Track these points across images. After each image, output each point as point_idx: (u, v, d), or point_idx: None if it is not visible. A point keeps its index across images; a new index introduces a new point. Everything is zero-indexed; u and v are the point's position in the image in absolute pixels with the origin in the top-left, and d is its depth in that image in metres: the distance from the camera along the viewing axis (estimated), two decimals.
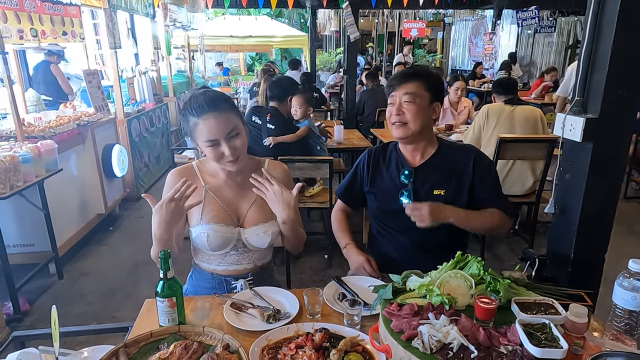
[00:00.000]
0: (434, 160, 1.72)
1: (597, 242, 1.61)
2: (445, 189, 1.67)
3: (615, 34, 1.41)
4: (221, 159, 1.45)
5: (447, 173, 1.69)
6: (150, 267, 3.44)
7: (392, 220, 1.76)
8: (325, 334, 1.17)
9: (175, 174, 1.55)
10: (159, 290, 1.22)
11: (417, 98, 1.64)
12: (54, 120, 3.65)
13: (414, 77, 1.67)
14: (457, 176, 1.68)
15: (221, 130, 1.40)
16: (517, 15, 9.75)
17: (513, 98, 3.65)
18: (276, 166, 1.68)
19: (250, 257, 1.59)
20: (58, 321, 1.02)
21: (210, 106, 1.40)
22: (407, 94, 1.64)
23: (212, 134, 1.40)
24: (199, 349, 1.11)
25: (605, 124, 1.48)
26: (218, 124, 1.40)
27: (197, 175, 1.57)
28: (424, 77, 1.67)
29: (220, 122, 1.40)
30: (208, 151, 1.44)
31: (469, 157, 1.69)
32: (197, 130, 1.42)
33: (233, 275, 1.58)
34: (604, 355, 0.99)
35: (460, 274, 1.24)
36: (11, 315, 2.72)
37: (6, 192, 2.60)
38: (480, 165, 1.69)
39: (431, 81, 1.68)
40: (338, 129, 4.15)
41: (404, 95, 1.65)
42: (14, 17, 3.10)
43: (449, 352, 1.01)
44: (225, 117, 1.41)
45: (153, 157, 5.56)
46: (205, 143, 1.41)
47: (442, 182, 1.68)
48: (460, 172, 1.68)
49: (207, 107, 1.40)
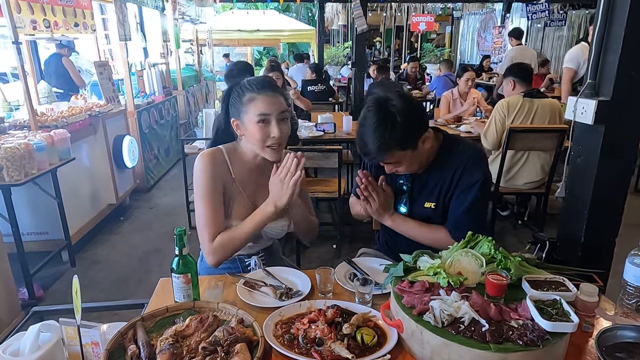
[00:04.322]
0: (430, 171, 1.59)
1: (607, 225, 1.61)
2: (435, 202, 1.58)
3: (629, 16, 1.41)
4: (266, 139, 1.45)
5: (438, 184, 1.57)
6: (161, 255, 3.49)
7: None
8: (338, 309, 1.18)
9: (206, 156, 1.50)
10: (174, 266, 1.25)
11: (402, 160, 1.48)
12: (66, 111, 3.70)
13: (385, 151, 1.43)
14: (446, 189, 1.56)
15: (276, 107, 1.45)
16: (527, 8, 9.65)
17: (532, 90, 3.38)
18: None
19: (264, 242, 1.67)
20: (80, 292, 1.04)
21: (269, 85, 1.49)
22: (389, 163, 1.50)
23: (268, 107, 1.44)
24: (215, 323, 1.14)
25: (617, 106, 1.48)
26: (275, 101, 1.46)
27: (227, 163, 1.54)
28: (396, 145, 1.41)
29: (276, 101, 1.46)
30: (257, 128, 1.44)
31: (459, 168, 1.53)
32: (252, 105, 1.44)
33: (245, 254, 1.63)
34: (615, 328, 1.00)
35: (471, 252, 1.25)
36: (26, 300, 2.78)
37: (21, 179, 2.65)
38: (465, 178, 1.52)
39: (404, 139, 1.41)
40: (347, 119, 4.15)
41: (387, 164, 1.51)
42: (27, 7, 3.14)
43: (460, 326, 1.03)
44: (280, 99, 1.48)
45: (162, 150, 5.60)
46: (258, 117, 1.43)
47: (434, 195, 1.58)
48: (447, 183, 1.56)
49: (268, 85, 1.48)
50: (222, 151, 1.55)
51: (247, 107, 1.45)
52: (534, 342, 0.97)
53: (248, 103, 1.45)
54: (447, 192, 1.55)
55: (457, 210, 1.53)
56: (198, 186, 1.48)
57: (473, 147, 1.59)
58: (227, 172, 1.53)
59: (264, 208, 1.45)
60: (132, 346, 1.06)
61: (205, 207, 1.47)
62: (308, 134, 3.97)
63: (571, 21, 11.19)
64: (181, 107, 6.73)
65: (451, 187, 1.54)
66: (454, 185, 1.53)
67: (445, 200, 1.56)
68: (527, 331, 0.99)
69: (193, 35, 8.38)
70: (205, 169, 1.48)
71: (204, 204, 1.47)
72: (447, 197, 1.56)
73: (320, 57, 9.88)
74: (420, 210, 1.60)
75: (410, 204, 1.63)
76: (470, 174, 1.51)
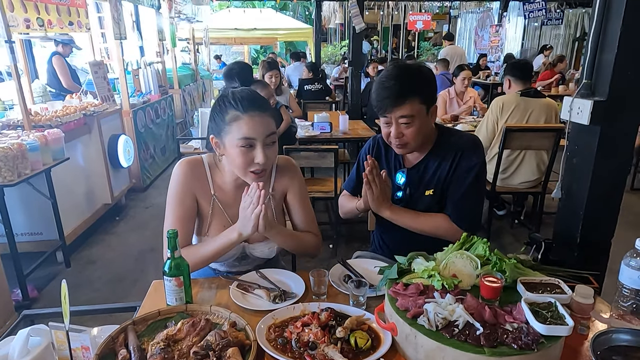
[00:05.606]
0: (429, 159, 1.62)
1: (604, 226, 1.61)
2: (434, 189, 1.60)
3: (625, 15, 1.40)
4: (249, 165, 1.33)
5: (436, 171, 1.60)
6: (156, 254, 3.47)
7: None
8: (331, 313, 1.17)
9: (184, 164, 1.45)
10: (167, 269, 1.23)
11: (415, 118, 1.47)
12: (60, 110, 3.66)
13: (407, 96, 1.44)
14: (444, 175, 1.59)
15: (262, 131, 1.31)
16: (524, 7, 9.66)
17: (530, 90, 3.35)
18: (286, 163, 1.60)
19: (253, 261, 1.59)
20: (68, 297, 1.03)
21: (258, 104, 1.33)
22: (404, 117, 1.47)
23: (253, 131, 1.30)
24: (207, 326, 1.12)
25: (613, 106, 1.47)
26: (261, 123, 1.31)
27: (206, 175, 1.46)
28: (418, 91, 1.45)
29: (264, 123, 1.32)
30: (238, 152, 1.31)
31: (457, 153, 1.56)
32: (235, 125, 1.30)
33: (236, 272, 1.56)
34: (610, 332, 1.00)
35: (466, 254, 1.24)
36: (20, 301, 2.76)
37: (14, 180, 2.62)
38: (463, 164, 1.55)
39: (425, 90, 1.48)
40: (343, 119, 4.14)
41: (400, 118, 1.48)
42: (20, 6, 3.11)
43: (454, 329, 1.01)
44: (268, 120, 1.34)
45: (158, 149, 5.58)
46: (240, 141, 1.30)
47: (432, 183, 1.61)
48: (445, 170, 1.58)
49: (255, 104, 1.32)
50: (203, 163, 1.48)
51: (230, 127, 1.31)
52: (528, 346, 0.96)
53: (231, 122, 1.31)
54: (445, 178, 1.58)
55: (456, 194, 1.56)
56: (170, 192, 1.45)
57: (468, 135, 1.66)
58: (206, 187, 1.47)
59: (228, 234, 1.37)
60: (122, 350, 1.04)
61: (172, 214, 1.44)
62: (304, 133, 3.96)
63: (568, 20, 11.23)
64: (177, 106, 6.70)
65: (450, 173, 1.57)
66: (453, 170, 1.56)
67: (443, 186, 1.59)
68: (522, 335, 0.99)
69: (189, 33, 8.34)
70: (179, 177, 1.44)
71: (172, 211, 1.44)
72: (445, 183, 1.58)
73: (317, 56, 9.85)
74: (420, 199, 1.61)
75: (410, 195, 1.64)
76: (468, 159, 1.55)
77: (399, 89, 1.44)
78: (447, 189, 1.58)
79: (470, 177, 1.54)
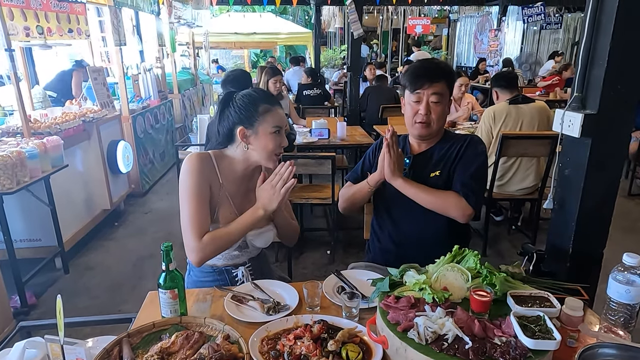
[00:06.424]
0: (435, 147, 1.75)
1: (595, 237, 1.62)
2: (440, 170, 1.71)
3: (614, 30, 1.42)
4: (278, 148, 1.54)
5: (443, 157, 1.72)
6: (155, 261, 3.48)
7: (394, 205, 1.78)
8: (324, 325, 1.19)
9: (195, 157, 1.53)
10: (162, 282, 1.25)
11: (444, 98, 1.65)
12: (59, 117, 3.69)
13: (442, 76, 1.65)
14: (451, 160, 1.70)
15: (284, 120, 1.57)
16: (523, 11, 9.68)
17: (517, 97, 3.44)
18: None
19: (249, 252, 1.66)
20: (63, 311, 1.04)
21: (277, 100, 1.60)
22: (436, 94, 1.63)
23: (281, 120, 1.54)
24: (200, 339, 1.14)
25: (603, 119, 1.49)
26: (283, 114, 1.58)
27: (215, 168, 1.56)
28: (447, 76, 1.67)
29: (283, 114, 1.58)
30: (271, 138, 1.51)
31: (463, 143, 1.71)
32: (269, 116, 1.51)
33: (232, 265, 1.64)
34: (596, 346, 1.01)
35: (457, 267, 1.26)
36: (18, 308, 2.77)
37: (13, 188, 2.64)
38: (469, 151, 1.70)
39: (451, 77, 1.70)
40: (341, 125, 4.16)
41: (432, 95, 1.63)
42: (20, 14, 3.14)
43: (443, 343, 1.03)
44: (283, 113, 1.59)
45: (158, 154, 5.60)
46: (274, 128, 1.52)
47: (439, 166, 1.72)
48: (452, 157, 1.71)
49: (276, 100, 1.60)
50: (210, 156, 1.57)
51: (264, 117, 1.51)
52: None
53: (265, 113, 1.51)
54: (452, 163, 1.70)
55: (464, 174, 1.66)
56: (185, 185, 1.49)
57: (470, 134, 1.86)
58: (215, 177, 1.54)
59: (253, 212, 1.51)
60: None
61: (191, 205, 1.47)
62: (302, 140, 3.98)
63: (567, 24, 11.27)
64: (177, 111, 6.72)
65: (456, 159, 1.69)
66: (459, 157, 1.69)
67: (450, 170, 1.70)
68: (510, 349, 1.00)
69: (189, 38, 8.37)
70: (194, 169, 1.50)
71: (191, 202, 1.47)
72: (453, 165, 1.69)
73: (316, 61, 9.88)
74: (425, 182, 1.69)
75: (414, 178, 1.71)
76: (474, 147, 1.71)
77: (435, 68, 1.67)
78: (454, 172, 1.69)
79: (477, 161, 1.68)
